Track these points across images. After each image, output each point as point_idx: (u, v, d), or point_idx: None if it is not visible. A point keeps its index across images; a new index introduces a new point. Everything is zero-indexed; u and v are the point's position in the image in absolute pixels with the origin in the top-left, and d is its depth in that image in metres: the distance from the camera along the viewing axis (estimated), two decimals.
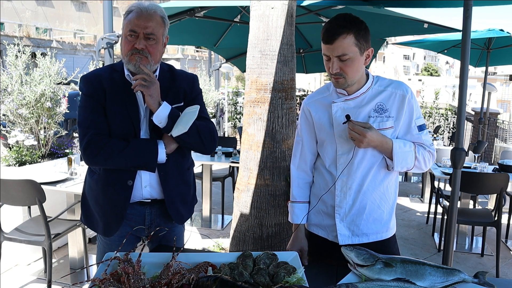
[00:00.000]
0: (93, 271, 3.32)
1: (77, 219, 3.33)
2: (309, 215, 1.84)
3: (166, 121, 1.69)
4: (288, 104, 2.95)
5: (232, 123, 12.00)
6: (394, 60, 62.16)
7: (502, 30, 6.05)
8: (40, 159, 3.91)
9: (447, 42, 6.83)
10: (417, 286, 1.33)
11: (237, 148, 5.29)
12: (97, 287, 1.24)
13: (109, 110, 1.75)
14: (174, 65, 1.94)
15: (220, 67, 9.17)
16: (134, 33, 1.67)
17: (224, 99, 11.31)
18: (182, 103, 1.82)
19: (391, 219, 1.78)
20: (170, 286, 1.24)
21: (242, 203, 3.03)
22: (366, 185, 1.69)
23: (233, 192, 4.25)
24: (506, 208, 4.77)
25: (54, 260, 3.66)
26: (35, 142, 3.90)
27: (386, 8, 3.93)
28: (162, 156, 1.74)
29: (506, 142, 9.66)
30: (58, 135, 4.19)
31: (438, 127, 10.16)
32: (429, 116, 11.01)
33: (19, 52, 3.94)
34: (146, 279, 1.27)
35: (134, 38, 1.68)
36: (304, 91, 18.23)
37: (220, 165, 5.75)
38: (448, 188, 5.68)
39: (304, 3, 4.27)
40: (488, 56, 6.80)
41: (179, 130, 1.69)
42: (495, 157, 8.89)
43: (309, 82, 31.02)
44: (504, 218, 4.24)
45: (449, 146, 8.16)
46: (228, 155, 4.92)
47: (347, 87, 1.66)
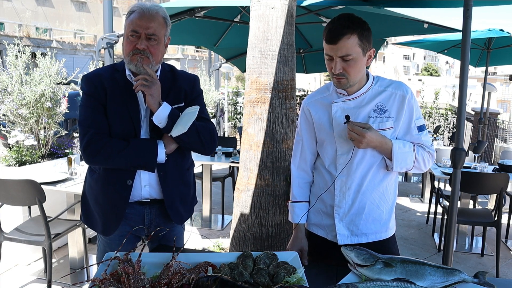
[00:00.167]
0: (93, 271, 3.32)
1: (77, 219, 3.33)
2: (308, 215, 1.85)
3: (166, 121, 1.70)
4: (288, 104, 2.95)
5: (232, 123, 12.00)
6: (394, 60, 62.16)
7: (502, 30, 6.05)
8: (40, 159, 3.92)
9: (447, 42, 6.83)
10: (417, 286, 1.33)
11: (237, 148, 5.29)
12: (97, 287, 1.24)
13: (109, 109, 1.75)
14: (174, 65, 1.95)
15: (220, 67, 9.17)
16: (136, 33, 1.68)
17: (224, 99, 11.31)
18: (183, 104, 1.82)
19: (391, 219, 1.78)
20: (170, 286, 1.24)
21: (242, 203, 3.03)
22: (365, 185, 1.70)
23: (233, 192, 4.25)
24: (506, 208, 4.77)
25: (54, 260, 3.66)
26: (35, 142, 3.90)
27: (386, 8, 3.93)
28: (161, 156, 1.75)
29: (506, 142, 9.65)
30: (58, 135, 4.20)
31: (438, 127, 10.15)
32: (429, 116, 11.01)
33: (19, 52, 3.94)
34: (146, 279, 1.27)
35: (136, 38, 1.69)
36: (304, 91, 18.23)
37: (220, 165, 5.75)
38: (448, 188, 5.68)
39: (304, 3, 4.27)
40: (488, 56, 6.80)
41: (179, 130, 1.69)
42: (495, 157, 8.89)
43: (309, 82, 31.02)
44: (504, 218, 4.24)
45: (449, 146, 8.16)
46: (228, 155, 4.93)
47: (349, 88, 1.66)
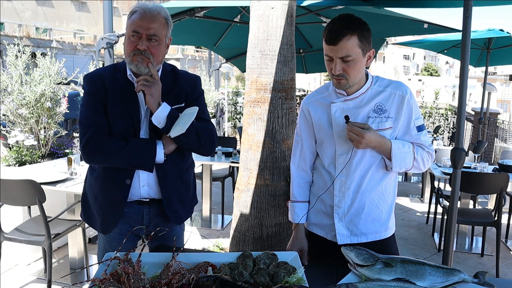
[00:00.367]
0: (93, 271, 3.32)
1: (77, 219, 3.33)
2: (308, 215, 1.85)
3: (165, 121, 1.70)
4: (288, 104, 2.95)
5: (232, 123, 12.00)
6: (394, 60, 62.17)
7: (502, 30, 6.05)
8: (40, 159, 3.92)
9: (447, 42, 6.83)
10: (417, 286, 1.33)
11: (237, 148, 5.29)
12: (97, 287, 1.24)
13: (110, 109, 1.75)
14: (174, 65, 1.95)
15: (220, 67, 9.17)
16: (137, 33, 1.68)
17: (224, 99, 11.31)
18: (183, 104, 1.82)
19: (390, 219, 1.78)
20: (170, 286, 1.24)
21: (242, 203, 3.03)
22: (364, 185, 1.70)
23: (233, 192, 4.25)
24: (506, 208, 4.77)
25: (54, 260, 3.65)
26: (35, 142, 3.90)
27: (386, 8, 3.93)
28: (160, 156, 1.75)
29: (506, 142, 9.65)
30: (58, 135, 4.20)
31: (438, 127, 10.15)
32: (429, 116, 11.00)
33: (19, 52, 3.94)
34: (146, 279, 1.27)
35: (137, 38, 1.69)
36: (304, 91, 18.25)
37: (220, 165, 5.75)
38: (448, 188, 5.67)
39: (304, 3, 4.26)
40: (488, 56, 6.80)
41: (177, 131, 1.69)
42: (495, 157, 8.89)
43: (309, 82, 31.00)
44: (504, 218, 4.24)
45: (449, 146, 8.16)
46: (228, 155, 4.93)
47: (348, 88, 1.65)
